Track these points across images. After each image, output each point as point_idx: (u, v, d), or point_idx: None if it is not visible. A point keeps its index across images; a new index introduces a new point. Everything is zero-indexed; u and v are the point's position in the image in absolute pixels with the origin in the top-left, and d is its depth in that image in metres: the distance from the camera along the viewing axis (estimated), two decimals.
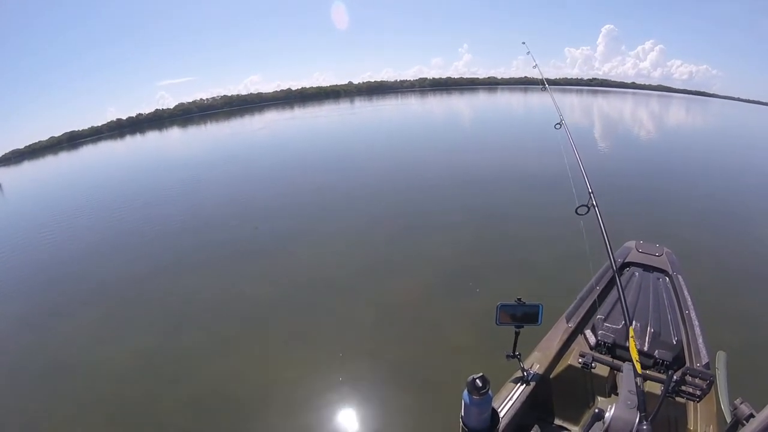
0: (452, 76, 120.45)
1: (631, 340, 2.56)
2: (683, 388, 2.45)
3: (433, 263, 8.86)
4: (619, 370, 3.05)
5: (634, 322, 2.91)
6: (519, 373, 3.11)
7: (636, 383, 2.31)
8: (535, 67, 7.11)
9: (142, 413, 5.77)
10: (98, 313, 8.54)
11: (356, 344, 6.51)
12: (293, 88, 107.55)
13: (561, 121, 5.13)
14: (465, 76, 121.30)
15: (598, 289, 4.04)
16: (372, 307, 7.43)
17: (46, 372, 6.99)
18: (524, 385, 3.06)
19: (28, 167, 55.95)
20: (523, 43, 7.45)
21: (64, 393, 6.43)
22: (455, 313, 6.98)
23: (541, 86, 6.81)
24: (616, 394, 2.94)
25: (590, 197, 3.55)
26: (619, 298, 2.91)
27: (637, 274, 4.31)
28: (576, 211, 3.51)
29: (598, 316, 3.59)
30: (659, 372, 3.09)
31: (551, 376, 3.28)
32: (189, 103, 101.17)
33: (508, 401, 2.93)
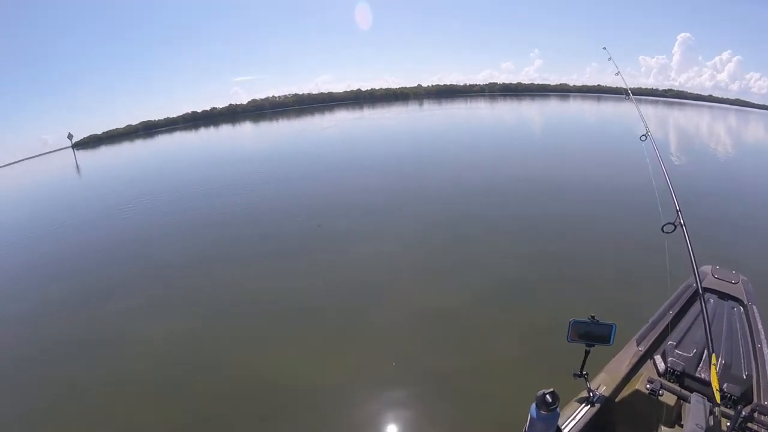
0: (523, 82, 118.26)
1: (712, 367, 2.49)
2: (749, 425, 2.38)
3: (495, 273, 8.73)
4: (686, 400, 2.96)
5: (707, 352, 2.81)
6: (584, 393, 3.09)
7: (705, 415, 2.26)
8: (617, 74, 6.88)
9: (175, 393, 6.05)
10: (150, 295, 9.02)
11: (406, 350, 6.47)
12: (363, 89, 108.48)
13: (647, 132, 4.97)
14: (536, 82, 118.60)
15: (671, 313, 3.93)
16: (426, 313, 7.40)
17: (91, 344, 7.48)
18: (589, 405, 3.03)
19: (104, 152, 58.98)
20: (604, 48, 7.26)
21: (104, 365, 6.85)
22: (513, 326, 6.89)
23: (623, 95, 6.64)
24: (681, 425, 2.87)
25: (678, 215, 3.45)
26: (694, 323, 2.84)
27: (711, 301, 4.15)
28: (662, 229, 3.42)
29: (669, 342, 3.49)
30: (727, 406, 2.98)
31: (616, 400, 3.22)
32: (261, 99, 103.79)
33: (571, 420, 2.91)
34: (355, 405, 5.44)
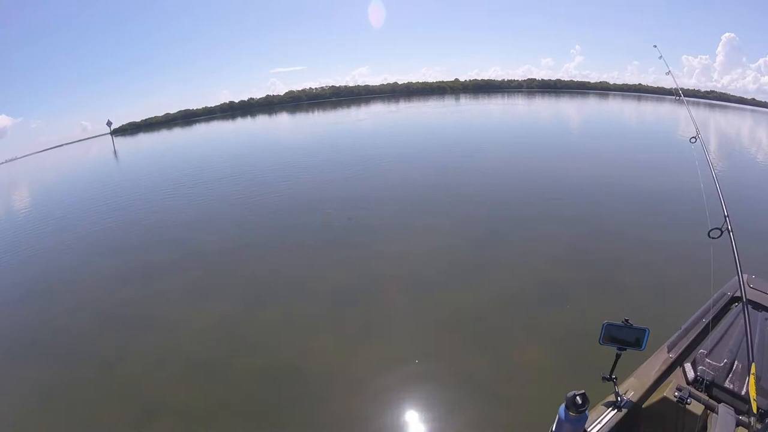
0: (562, 79, 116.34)
1: (751, 376, 2.45)
2: None
3: (527, 273, 8.69)
4: (713, 410, 2.91)
5: (737, 363, 2.75)
6: (612, 397, 3.06)
7: (739, 425, 2.22)
8: (668, 73, 6.76)
9: (211, 373, 6.25)
10: (189, 278, 9.33)
11: (432, 346, 6.52)
12: (399, 82, 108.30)
13: (697, 135, 4.86)
14: (576, 79, 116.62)
15: (705, 321, 3.85)
16: (454, 311, 7.42)
17: (135, 322, 7.84)
18: (616, 410, 3.01)
19: (142, 138, 60.33)
20: (655, 46, 7.17)
21: (147, 342, 7.17)
22: (543, 327, 6.87)
23: (675, 96, 6.50)
24: None
25: (725, 221, 3.39)
26: (746, 334, 2.78)
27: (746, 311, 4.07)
28: (708, 234, 3.35)
29: (700, 350, 3.43)
30: (757, 420, 2.94)
31: (644, 406, 3.18)
32: (299, 91, 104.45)
33: (598, 424, 2.89)
34: (379, 398, 5.52)
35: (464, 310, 7.42)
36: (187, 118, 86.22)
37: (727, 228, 3.33)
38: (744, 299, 3.00)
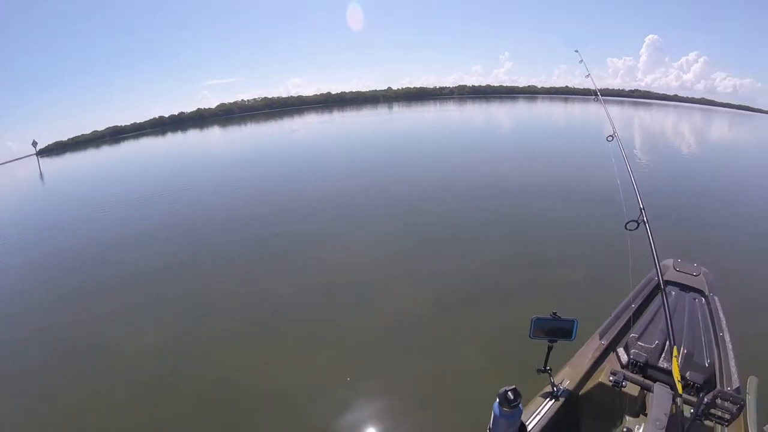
0: (492, 84, 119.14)
1: (674, 359, 2.56)
2: (713, 411, 2.44)
3: (459, 275, 8.79)
4: (649, 390, 3.03)
5: (667, 342, 2.89)
6: (549, 388, 3.14)
7: (669, 404, 2.31)
8: (587, 76, 7.04)
9: (156, 395, 6.07)
10: (123, 301, 8.92)
11: (370, 355, 6.51)
12: (333, 92, 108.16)
13: (614, 133, 5.07)
14: (505, 84, 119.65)
15: (634, 307, 4.02)
16: (388, 318, 7.43)
17: (74, 348, 7.47)
18: (553, 400, 3.08)
19: (70, 158, 57.68)
20: (576, 51, 7.44)
21: (88, 368, 6.84)
22: (477, 327, 6.98)
23: (593, 97, 6.75)
24: (645, 415, 2.94)
25: (641, 213, 3.55)
26: (656, 316, 2.90)
27: (673, 293, 4.26)
28: (625, 227, 3.50)
29: (631, 335, 3.57)
30: (690, 394, 3.07)
31: (581, 393, 3.28)
32: (230, 103, 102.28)
33: (537, 416, 2.95)
34: (318, 411, 5.46)
35: (399, 316, 7.44)
36: (115, 135, 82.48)
37: (643, 220, 3.48)
38: (661, 285, 3.14)
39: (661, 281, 3.15)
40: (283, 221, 13.18)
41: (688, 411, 2.73)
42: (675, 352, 2.60)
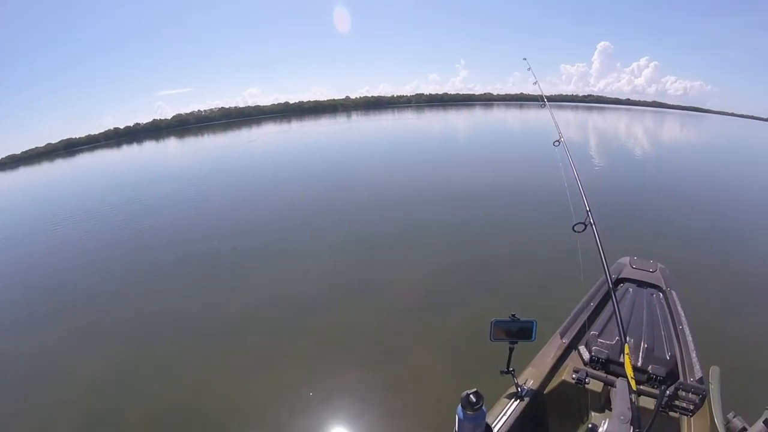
0: (449, 92, 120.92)
1: (626, 356, 2.57)
2: (676, 402, 2.47)
3: (412, 283, 8.67)
4: (612, 385, 3.06)
5: (628, 338, 2.92)
6: (513, 389, 3.12)
7: (630, 399, 2.32)
8: (535, 83, 7.06)
9: (107, 424, 5.76)
10: (70, 326, 8.49)
11: (330, 365, 6.38)
12: (291, 102, 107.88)
13: (560, 138, 5.11)
14: (462, 92, 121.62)
15: (592, 305, 4.06)
16: (347, 328, 7.32)
17: (17, 380, 7.02)
18: (518, 400, 3.07)
19: (24, 173, 55.88)
20: (524, 59, 7.44)
21: (33, 401, 6.43)
22: (442, 333, 6.90)
23: (540, 103, 6.82)
24: (610, 410, 2.95)
25: (588, 215, 3.56)
26: (614, 313, 2.92)
27: (630, 290, 4.33)
28: (573, 229, 3.51)
29: (591, 332, 3.60)
30: (653, 387, 3.12)
31: (545, 392, 3.29)
32: (186, 114, 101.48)
33: (502, 417, 2.94)
34: (277, 427, 5.36)
35: (355, 327, 7.31)
36: (69, 147, 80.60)
37: (590, 222, 3.51)
38: (609, 284, 3.15)
39: (609, 281, 3.16)
40: (233, 234, 12.92)
41: (652, 404, 2.76)
42: (626, 350, 2.61)
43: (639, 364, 3.27)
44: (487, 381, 2.88)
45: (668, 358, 3.34)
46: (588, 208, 3.64)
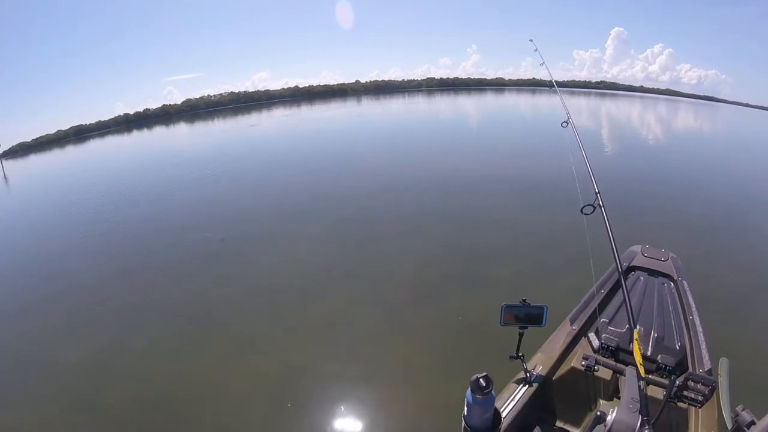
0: (460, 77, 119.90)
1: (635, 343, 2.55)
2: (685, 393, 2.45)
3: (427, 267, 8.67)
4: (621, 373, 3.06)
5: (637, 326, 2.91)
6: (522, 374, 3.14)
7: (639, 387, 2.31)
8: (542, 64, 7.00)
9: (92, 408, 5.79)
10: (60, 312, 8.49)
11: (341, 348, 6.37)
12: (301, 86, 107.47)
13: (568, 119, 5.07)
14: (473, 77, 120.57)
15: (603, 292, 4.04)
16: (359, 310, 7.31)
17: (3, 366, 7.06)
18: (527, 386, 3.08)
19: (35, 160, 55.96)
20: (531, 40, 7.35)
21: (20, 386, 6.47)
22: (448, 320, 6.84)
23: (549, 86, 6.76)
24: (618, 398, 2.96)
25: (597, 197, 3.54)
26: (624, 301, 2.90)
27: (641, 278, 4.30)
28: (581, 210, 3.50)
29: (602, 320, 3.58)
30: (662, 377, 3.10)
31: (554, 378, 3.29)
32: (196, 99, 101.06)
33: (511, 401, 2.95)
34: (266, 421, 5.30)
35: (368, 309, 7.32)
36: (80, 134, 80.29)
37: (599, 204, 3.49)
38: (620, 270, 3.13)
39: (619, 267, 3.15)
40: (224, 222, 12.79)
41: (660, 393, 2.75)
42: (635, 336, 2.59)
43: (648, 353, 3.25)
44: (496, 366, 2.86)
45: (678, 348, 3.31)
46: (597, 190, 3.63)
